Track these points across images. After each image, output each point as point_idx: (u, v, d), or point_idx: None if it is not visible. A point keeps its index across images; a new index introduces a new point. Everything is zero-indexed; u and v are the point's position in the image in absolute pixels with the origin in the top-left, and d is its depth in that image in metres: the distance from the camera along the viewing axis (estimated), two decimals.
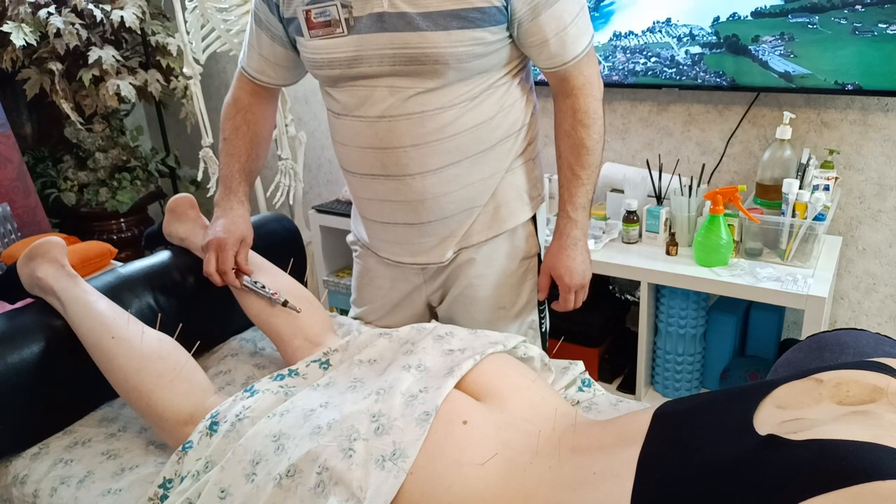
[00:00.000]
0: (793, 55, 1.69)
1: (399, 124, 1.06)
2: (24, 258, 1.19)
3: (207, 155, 2.39)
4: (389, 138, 1.07)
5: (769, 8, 1.69)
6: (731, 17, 1.75)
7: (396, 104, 1.04)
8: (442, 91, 1.04)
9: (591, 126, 1.12)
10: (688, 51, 1.83)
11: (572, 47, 1.06)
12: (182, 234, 1.36)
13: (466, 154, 1.09)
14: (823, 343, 0.79)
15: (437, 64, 1.00)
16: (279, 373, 1.02)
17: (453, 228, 1.16)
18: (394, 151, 1.08)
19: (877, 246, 1.81)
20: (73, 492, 0.98)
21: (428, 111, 1.05)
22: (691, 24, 1.81)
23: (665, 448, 0.65)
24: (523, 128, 1.16)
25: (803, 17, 1.65)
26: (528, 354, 1.04)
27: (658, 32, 1.86)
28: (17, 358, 1.05)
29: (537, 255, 1.25)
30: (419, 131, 1.06)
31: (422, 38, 0.99)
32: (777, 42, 1.70)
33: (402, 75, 1.03)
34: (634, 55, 1.92)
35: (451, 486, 0.73)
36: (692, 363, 1.83)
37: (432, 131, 1.06)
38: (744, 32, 1.74)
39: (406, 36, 0.99)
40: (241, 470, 0.84)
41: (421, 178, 1.09)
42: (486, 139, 1.10)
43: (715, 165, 1.96)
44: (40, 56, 2.38)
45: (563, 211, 1.17)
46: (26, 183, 2.30)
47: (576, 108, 1.11)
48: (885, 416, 0.55)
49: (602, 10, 1.93)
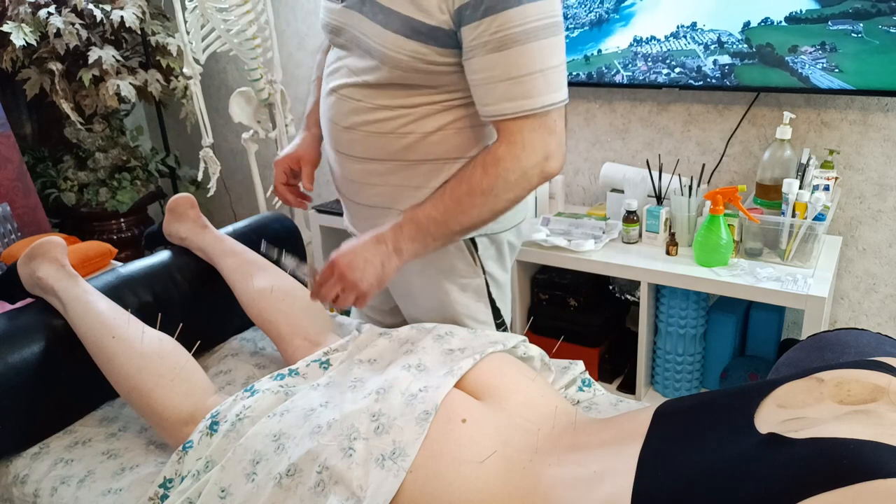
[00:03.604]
0: (837, 69, 1.50)
1: (342, 104, 1.07)
2: (24, 258, 1.19)
3: (207, 155, 2.39)
4: (332, 113, 1.10)
5: (805, 13, 1.50)
6: (762, 21, 1.58)
7: (347, 86, 1.06)
8: (382, 90, 1.03)
9: (492, 174, 0.97)
10: (716, 60, 1.66)
11: (505, 104, 0.94)
12: (182, 234, 1.36)
13: (392, 157, 1.07)
14: (824, 343, 0.79)
15: (381, 62, 0.99)
16: (279, 372, 1.02)
17: (375, 221, 1.13)
18: (335, 126, 1.10)
19: (877, 246, 1.81)
20: (74, 491, 0.98)
21: (364, 103, 1.05)
22: (719, 30, 1.64)
23: (666, 446, 0.65)
24: (468, 160, 1.06)
25: (845, 24, 1.46)
26: (527, 354, 1.04)
27: (683, 38, 1.69)
28: (17, 358, 1.05)
29: (483, 279, 1.18)
30: (353, 119, 1.06)
31: (375, 32, 0.98)
32: (817, 53, 1.51)
33: (358, 59, 1.04)
34: (656, 64, 1.76)
35: (451, 484, 0.73)
36: (692, 363, 1.83)
37: (364, 123, 1.06)
38: (779, 41, 1.55)
39: (368, 24, 0.98)
40: (241, 469, 0.84)
41: (350, 160, 1.11)
42: (419, 151, 1.06)
43: (715, 165, 1.96)
44: (40, 56, 2.38)
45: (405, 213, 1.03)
46: (26, 183, 2.30)
47: (495, 150, 0.97)
48: (887, 416, 0.55)
49: (622, 12, 1.82)
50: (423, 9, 0.92)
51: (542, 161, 0.97)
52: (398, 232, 1.00)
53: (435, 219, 0.99)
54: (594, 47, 1.94)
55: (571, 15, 1.94)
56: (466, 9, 0.90)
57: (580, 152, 2.20)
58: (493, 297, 1.20)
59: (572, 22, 1.95)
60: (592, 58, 1.95)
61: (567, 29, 1.96)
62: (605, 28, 1.88)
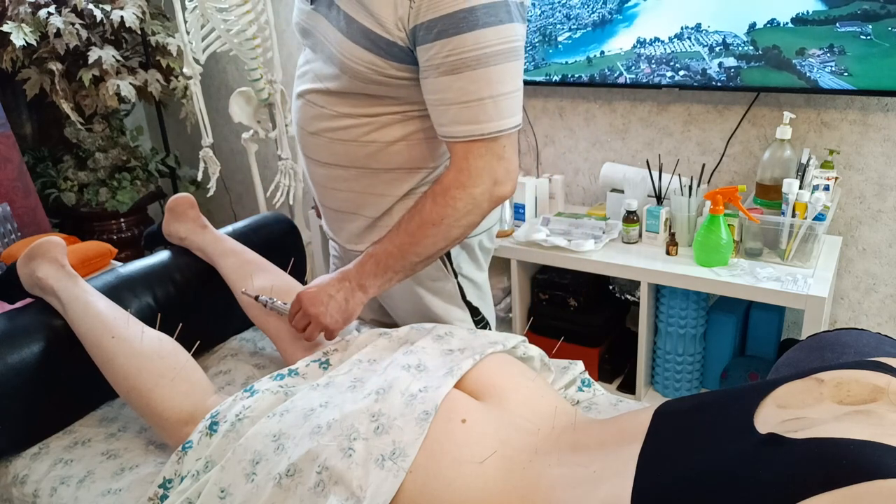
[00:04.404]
0: (846, 73, 1.46)
1: (307, 109, 1.08)
2: (24, 258, 1.19)
3: (207, 155, 2.39)
4: (299, 117, 1.11)
5: (812, 14, 1.46)
6: (768, 23, 1.54)
7: (312, 91, 1.06)
8: (343, 97, 1.03)
9: (440, 205, 0.97)
10: (721, 63, 1.62)
11: (455, 127, 0.94)
12: (182, 234, 1.36)
13: (355, 164, 1.07)
14: (824, 343, 0.78)
15: (341, 71, 0.99)
16: (279, 372, 1.02)
17: (343, 224, 1.17)
18: (301, 130, 1.11)
19: (877, 246, 1.81)
20: (73, 492, 0.98)
21: (327, 110, 1.05)
22: (724, 31, 1.60)
23: (665, 446, 0.65)
24: (431, 170, 1.09)
25: (853, 26, 1.42)
26: (527, 354, 1.04)
27: (687, 39, 1.66)
28: (17, 358, 1.05)
29: (455, 283, 1.19)
30: (317, 125, 1.07)
31: (337, 40, 0.98)
32: (826, 56, 1.47)
33: (323, 65, 1.04)
34: (660, 66, 1.73)
35: (451, 484, 0.73)
36: (692, 363, 1.83)
37: (328, 129, 1.06)
38: (786, 43, 1.51)
39: (332, 31, 0.99)
40: (241, 470, 0.84)
41: (316, 165, 1.12)
42: (381, 160, 1.06)
43: (715, 165, 1.96)
44: (40, 56, 2.38)
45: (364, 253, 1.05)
46: (26, 183, 2.30)
47: (444, 179, 0.98)
48: (886, 416, 0.55)
49: (625, 13, 1.80)
50: (380, 22, 0.92)
51: (490, 187, 0.97)
52: (360, 269, 1.04)
53: (392, 253, 1.02)
54: (597, 48, 1.93)
55: (574, 16, 1.94)
56: (420, 30, 0.90)
57: (580, 152, 2.20)
58: (469, 299, 1.22)
59: (574, 23, 1.94)
60: (595, 59, 1.94)
61: (570, 30, 1.95)
62: (609, 29, 1.88)
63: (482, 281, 1.26)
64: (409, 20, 0.90)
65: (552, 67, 2.03)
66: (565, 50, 1.99)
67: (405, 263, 1.03)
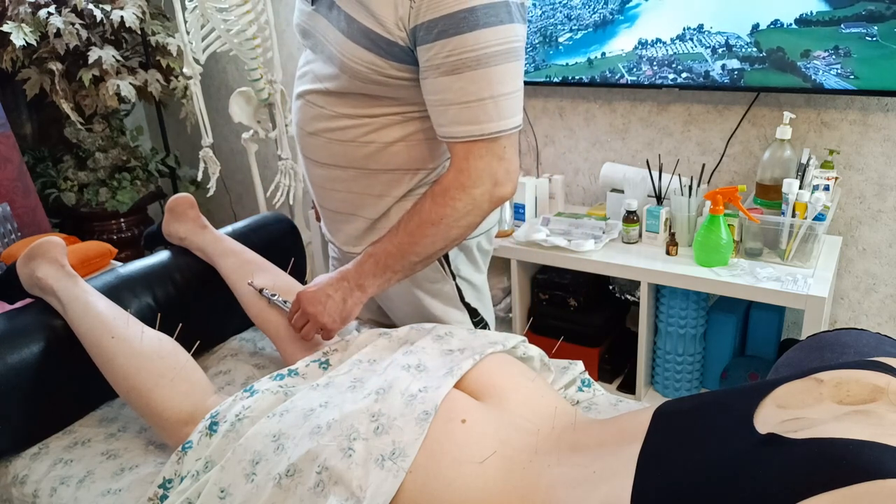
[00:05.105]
0: (852, 76, 1.43)
1: (307, 109, 1.08)
2: (23, 258, 1.19)
3: (207, 155, 2.39)
4: (298, 117, 1.11)
5: (816, 15, 1.43)
6: (772, 24, 1.51)
7: (311, 92, 1.06)
8: (342, 98, 1.03)
9: (440, 205, 0.98)
10: (724, 65, 1.59)
11: (455, 128, 0.94)
12: (182, 234, 1.36)
13: (353, 164, 1.07)
14: (824, 343, 0.78)
15: (340, 71, 0.99)
16: (279, 372, 1.02)
17: (341, 226, 1.17)
18: (301, 130, 1.12)
19: (877, 246, 1.81)
20: (73, 492, 0.98)
21: (326, 110, 1.05)
22: (727, 32, 1.57)
23: (665, 446, 0.65)
24: (430, 171, 1.09)
25: (859, 28, 1.39)
26: (527, 354, 1.04)
27: (689, 41, 1.63)
28: (17, 358, 1.05)
29: (453, 285, 1.19)
30: (316, 125, 1.07)
31: (337, 40, 0.98)
32: (831, 58, 1.44)
33: (323, 65, 1.04)
34: (662, 68, 1.70)
35: (451, 484, 0.73)
36: (692, 363, 1.83)
37: (326, 130, 1.06)
38: (790, 45, 1.48)
39: (332, 31, 0.99)
40: (240, 470, 0.84)
41: (315, 165, 1.12)
42: (379, 161, 1.06)
43: (715, 165, 1.96)
44: (40, 56, 2.38)
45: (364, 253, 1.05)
46: (26, 183, 2.30)
47: (444, 179, 0.98)
48: (886, 416, 0.55)
49: (627, 13, 1.77)
50: (381, 22, 0.92)
51: (490, 188, 0.97)
52: (359, 268, 1.04)
53: (392, 253, 1.02)
54: (598, 49, 1.93)
55: (575, 16, 1.93)
56: (420, 30, 0.90)
57: (580, 152, 2.20)
58: (467, 301, 1.22)
59: (576, 24, 1.94)
60: (596, 61, 1.93)
61: (570, 31, 1.95)
62: (610, 30, 1.87)
63: (481, 283, 1.26)
64: (409, 20, 0.90)
65: (553, 69, 2.03)
66: (566, 51, 1.98)
67: (404, 263, 1.03)
